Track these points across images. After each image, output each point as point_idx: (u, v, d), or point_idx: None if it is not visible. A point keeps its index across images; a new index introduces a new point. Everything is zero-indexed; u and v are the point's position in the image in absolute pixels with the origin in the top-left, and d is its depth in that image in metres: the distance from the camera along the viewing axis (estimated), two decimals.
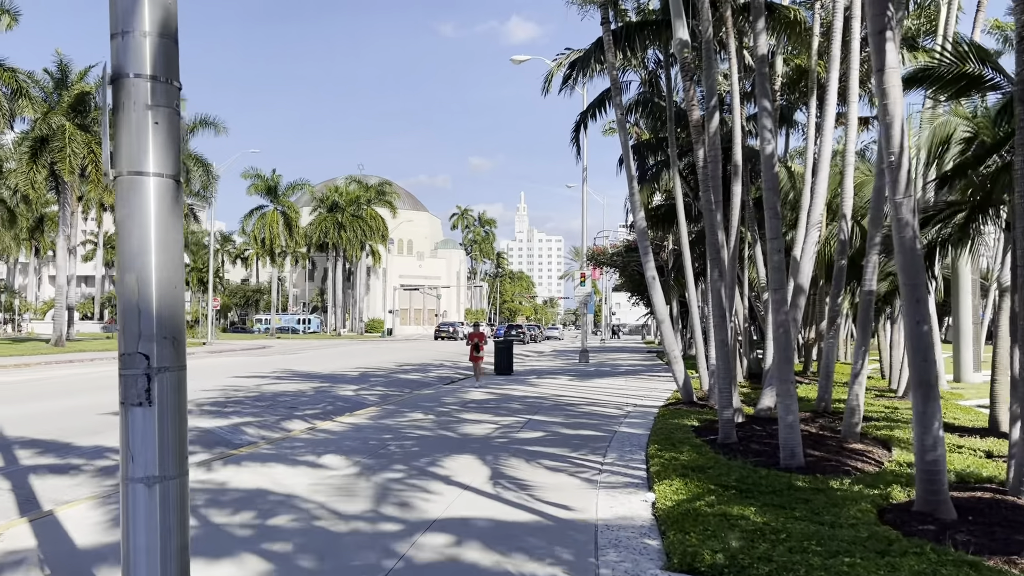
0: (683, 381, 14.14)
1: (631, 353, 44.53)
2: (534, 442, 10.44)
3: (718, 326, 9.67)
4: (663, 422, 11.73)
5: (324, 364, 29.62)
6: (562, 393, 17.62)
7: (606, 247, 43.69)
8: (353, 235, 76.55)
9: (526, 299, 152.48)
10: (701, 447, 9.18)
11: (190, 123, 45.53)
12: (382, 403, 15.78)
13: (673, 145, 16.65)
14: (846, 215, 11.46)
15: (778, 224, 7.99)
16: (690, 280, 16.43)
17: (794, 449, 7.99)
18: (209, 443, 10.93)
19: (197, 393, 17.41)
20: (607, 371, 26.27)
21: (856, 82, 12.15)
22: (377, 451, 9.73)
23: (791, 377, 8.08)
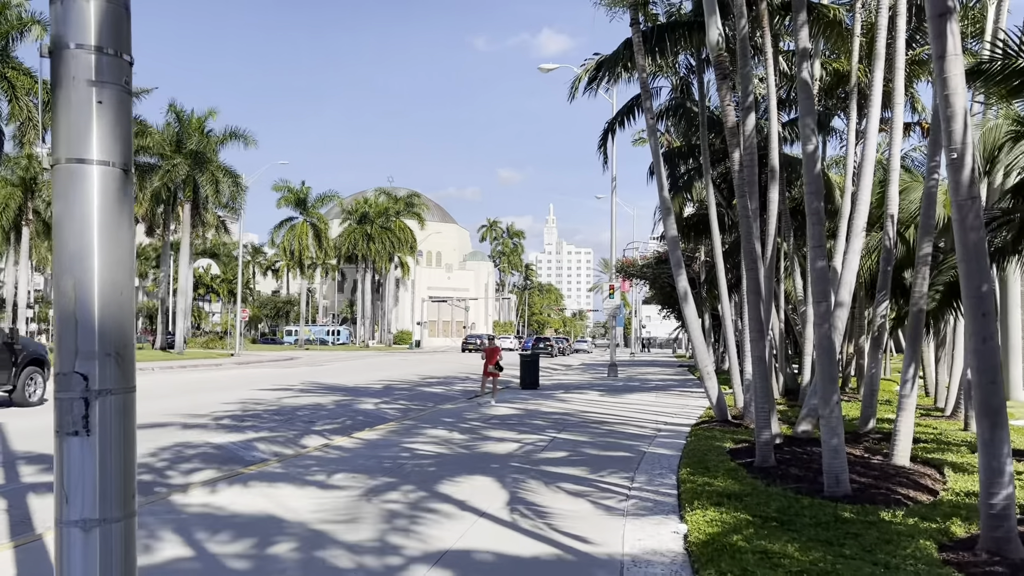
0: (716, 398, 13.48)
1: (661, 367, 43.67)
2: (558, 462, 9.87)
3: (755, 341, 9.05)
4: (695, 442, 11.09)
5: (348, 377, 29.28)
6: (589, 409, 17.01)
7: (636, 259, 43.00)
8: (382, 247, 76.63)
9: (555, 311, 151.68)
10: (736, 471, 8.54)
11: (220, 135, 45.77)
12: (402, 418, 15.31)
13: (706, 152, 16.04)
14: (893, 216, 10.76)
15: (821, 230, 7.38)
16: (724, 292, 15.75)
17: (839, 475, 7.34)
18: (219, 460, 10.51)
19: (216, 406, 17.09)
20: (636, 386, 25.57)
21: (901, 83, 11.48)
22: (391, 471, 9.23)
23: (836, 397, 7.44)
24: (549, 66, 32.20)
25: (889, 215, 11.20)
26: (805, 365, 17.45)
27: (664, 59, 16.51)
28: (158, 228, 50.25)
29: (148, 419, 14.40)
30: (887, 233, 11.29)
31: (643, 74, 13.74)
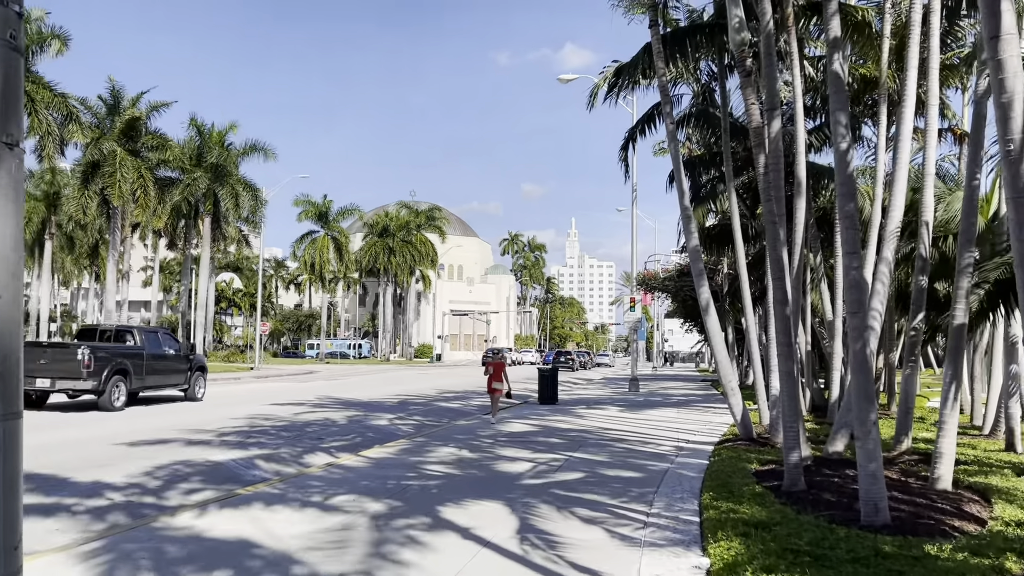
0: (741, 415, 12.82)
1: (684, 382, 42.81)
2: (572, 485, 9.28)
3: (783, 355, 8.42)
4: (719, 462, 10.45)
5: (365, 391, 28.84)
6: (608, 426, 16.38)
7: (657, 271, 42.29)
8: (403, 260, 76.50)
9: (576, 325, 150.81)
10: (763, 496, 7.90)
11: (240, 148, 45.82)
12: (414, 435, 14.78)
13: (728, 160, 15.45)
14: (928, 223, 10.10)
15: (855, 235, 6.78)
16: (748, 304, 15.10)
17: (878, 503, 6.69)
18: (216, 479, 10.04)
19: (225, 422, 16.69)
20: (658, 401, 24.86)
21: (936, 83, 10.84)
22: (395, 493, 8.70)
23: (873, 416, 6.80)
24: (568, 76, 31.77)
25: (924, 222, 10.54)
26: (833, 380, 16.72)
27: (685, 64, 15.96)
28: (179, 242, 50.37)
29: (151, 435, 14.01)
30: (922, 242, 10.62)
31: (663, 78, 13.20)
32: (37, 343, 20.50)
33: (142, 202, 36.38)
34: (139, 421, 16.80)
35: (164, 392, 22.07)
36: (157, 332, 22.68)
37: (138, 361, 20.01)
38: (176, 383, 21.67)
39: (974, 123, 8.49)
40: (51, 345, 20.38)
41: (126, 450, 12.31)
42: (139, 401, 21.08)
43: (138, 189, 36.17)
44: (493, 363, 16.87)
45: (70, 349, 18.73)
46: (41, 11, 29.84)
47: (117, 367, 19.07)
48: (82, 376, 18.19)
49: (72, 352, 18.45)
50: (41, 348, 19.31)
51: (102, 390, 18.52)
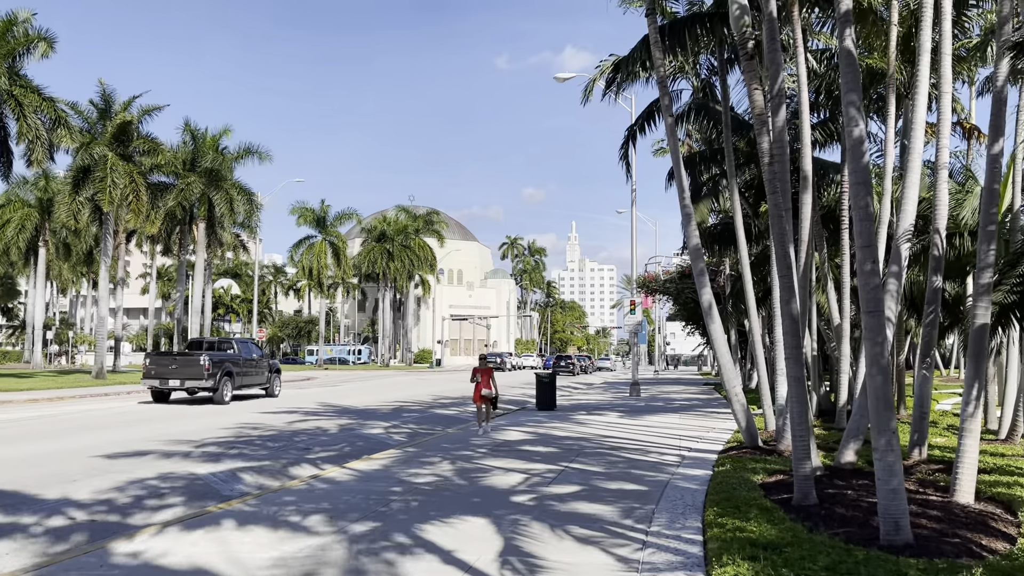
0: (746, 422, 12.23)
1: (686, 386, 42.20)
2: (566, 499, 8.70)
3: (792, 358, 7.84)
4: (723, 473, 9.86)
5: (361, 398, 28.26)
6: (607, 433, 15.79)
7: (658, 274, 41.71)
8: (401, 265, 75.93)
9: (577, 329, 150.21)
10: (772, 511, 7.31)
11: (235, 152, 45.28)
12: (406, 444, 14.20)
13: (730, 156, 14.89)
14: (942, 220, 9.53)
15: (871, 228, 6.20)
16: (752, 305, 14.53)
17: (899, 521, 6.11)
18: (191, 494, 9.47)
19: (212, 431, 16.12)
20: (659, 406, 24.26)
21: (948, 70, 10.26)
22: (376, 509, 8.12)
23: (893, 425, 6.22)
24: (565, 75, 31.26)
25: (937, 219, 9.96)
26: (841, 384, 16.14)
27: (684, 56, 15.42)
28: (174, 248, 49.82)
29: (130, 447, 13.44)
30: (935, 239, 10.04)
31: (661, 71, 12.63)
32: (168, 353, 27.50)
33: (134, 207, 35.80)
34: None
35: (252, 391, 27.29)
36: (247, 342, 28.44)
37: (237, 365, 25.02)
38: (260, 383, 26.90)
39: (994, 108, 7.93)
40: (179, 354, 25.22)
41: (103, 463, 11.74)
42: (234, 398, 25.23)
43: (130, 194, 35.60)
44: (481, 370, 15.54)
45: (193, 357, 23.51)
46: (27, 12, 29.31)
47: (226, 370, 24.06)
48: (203, 377, 23.15)
49: (195, 359, 23.32)
50: (171, 356, 24.56)
51: (216, 388, 23.55)
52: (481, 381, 15.36)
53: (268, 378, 27.38)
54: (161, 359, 24.28)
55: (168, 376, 23.41)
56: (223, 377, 23.79)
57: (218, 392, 23.65)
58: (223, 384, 23.79)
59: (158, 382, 23.57)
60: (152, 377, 23.68)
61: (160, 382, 23.47)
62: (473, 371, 15.66)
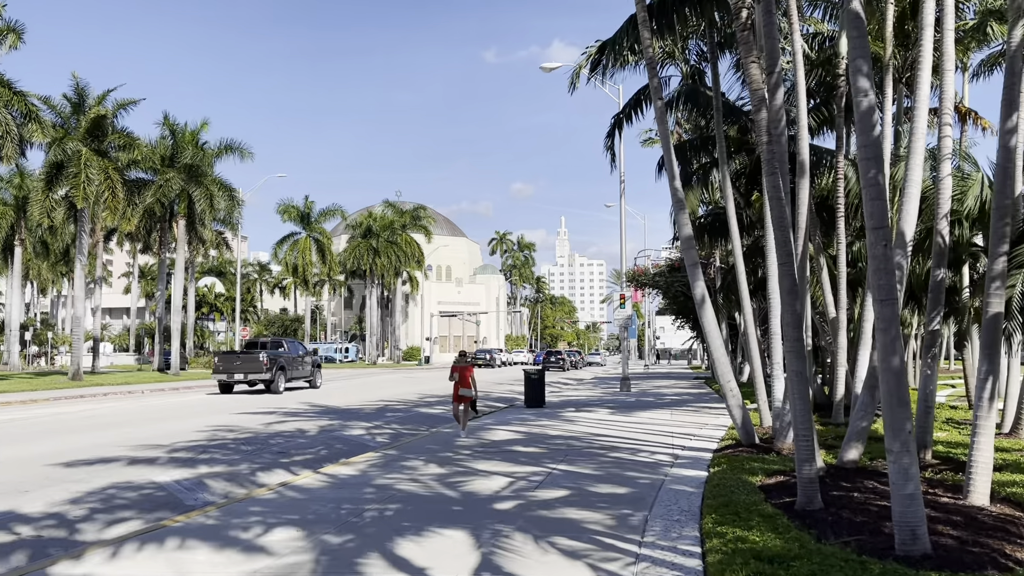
0: (742, 420, 11.67)
1: (676, 380, 41.73)
2: (553, 505, 8.10)
3: (793, 352, 7.27)
4: (720, 474, 9.29)
5: (345, 397, 27.59)
6: (597, 431, 15.21)
7: (648, 267, 41.18)
8: (388, 261, 75.12)
9: (567, 324, 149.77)
10: (775, 518, 6.75)
11: (215, 148, 44.42)
12: (387, 446, 13.59)
13: (722, 142, 14.33)
14: (942, 217, 8.98)
15: (884, 207, 5.63)
16: (745, 296, 14.00)
17: (916, 529, 5.55)
18: (152, 506, 8.83)
19: (185, 434, 15.44)
20: (650, 402, 23.72)
21: (951, 46, 9.71)
22: (346, 521, 7.50)
23: (908, 425, 5.66)
24: (551, 65, 30.63)
25: (939, 203, 9.42)
26: (837, 378, 15.64)
27: (672, 40, 14.84)
28: (154, 246, 48.92)
29: (95, 453, 12.76)
30: (939, 228, 9.48)
31: (649, 51, 12.02)
32: (233, 351, 32.30)
33: (110, 204, 34.89)
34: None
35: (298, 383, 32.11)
36: (294, 341, 33.80)
37: (288, 361, 29.96)
38: (305, 375, 31.79)
39: (1007, 81, 7.37)
40: (242, 352, 29.99)
41: (59, 472, 11.06)
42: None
43: (105, 191, 34.69)
44: (460, 367, 14.35)
45: (254, 354, 28.57)
46: None
47: (280, 364, 28.88)
48: (263, 371, 28.03)
49: (256, 356, 28.39)
50: (236, 354, 29.71)
51: (272, 380, 28.31)
52: (460, 380, 14.31)
53: (311, 372, 32.23)
54: (228, 357, 29.46)
55: (234, 371, 28.33)
56: (277, 371, 28.56)
57: (273, 383, 28.28)
58: (278, 376, 28.52)
59: (225, 376, 28.58)
60: (220, 372, 28.75)
61: (227, 376, 28.48)
62: (452, 368, 14.57)
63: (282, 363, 29.04)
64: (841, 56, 15.13)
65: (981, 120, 20.50)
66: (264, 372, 27.99)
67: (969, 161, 14.71)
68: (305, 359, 32.02)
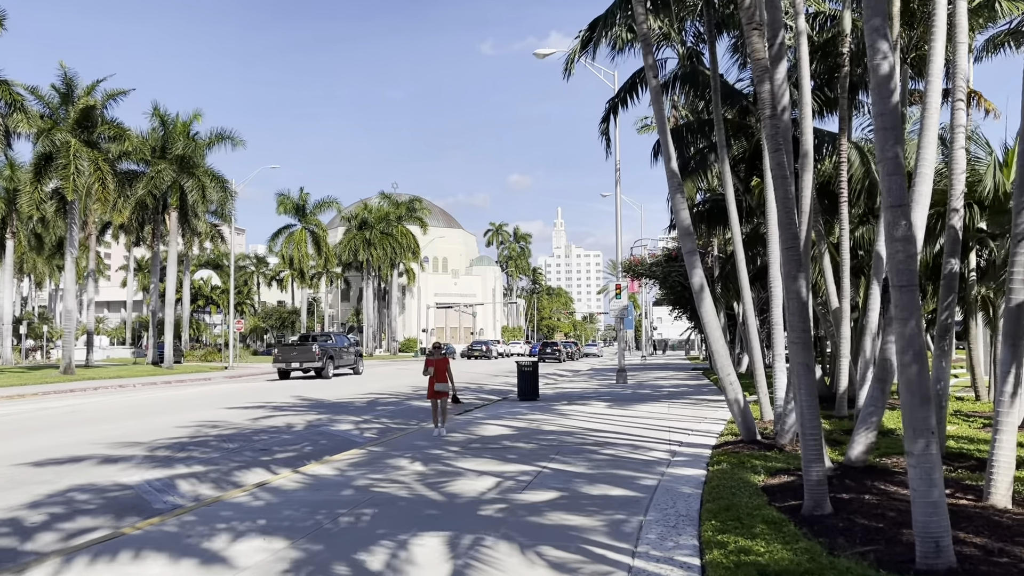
0: (742, 415, 11.14)
1: (674, 371, 41.23)
2: (542, 509, 7.57)
3: (799, 344, 6.72)
4: (719, 474, 8.75)
5: (338, 390, 27.07)
6: (592, 426, 14.69)
7: (644, 257, 40.62)
8: (383, 253, 74.52)
9: (564, 315, 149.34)
10: (781, 524, 6.21)
11: (206, 138, 43.76)
12: (374, 441, 13.05)
13: (720, 124, 13.75)
14: (956, 198, 8.42)
15: (902, 182, 5.07)
16: (745, 285, 13.45)
17: (939, 540, 5.02)
18: (116, 510, 8.29)
19: (167, 431, 14.92)
20: (647, 394, 23.20)
21: (964, 16, 9.14)
22: (318, 528, 6.96)
23: (932, 423, 5.12)
24: (545, 51, 30.00)
25: (952, 186, 8.87)
26: (840, 369, 15.12)
27: (668, 18, 14.23)
28: (147, 238, 48.32)
29: (69, 451, 12.22)
30: (951, 214, 8.93)
31: (644, 27, 11.43)
32: (291, 344, 36.73)
33: (100, 196, 34.26)
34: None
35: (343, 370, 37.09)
36: (340, 334, 39.32)
37: (335, 350, 35.10)
38: (350, 363, 36.77)
39: None
40: (297, 344, 35.28)
41: (25, 472, 10.52)
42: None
43: (95, 182, 34.07)
44: (435, 361, 13.32)
45: (308, 345, 33.86)
46: None
47: (329, 354, 33.88)
48: (315, 360, 33.07)
49: (309, 347, 33.60)
50: (292, 346, 34.98)
51: (323, 367, 33.33)
52: (436, 374, 13.22)
53: (355, 360, 37.48)
54: (285, 348, 34.92)
55: (291, 360, 33.53)
56: (327, 359, 33.46)
57: (324, 370, 33.23)
58: (327, 364, 33.41)
59: (284, 364, 33.80)
60: (280, 361, 34.01)
61: (285, 364, 33.70)
62: (426, 362, 13.39)
63: (331, 353, 34.07)
64: (845, 34, 14.54)
65: (985, 102, 19.88)
66: (316, 361, 32.94)
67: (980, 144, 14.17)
68: (349, 349, 37.04)
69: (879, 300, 12.25)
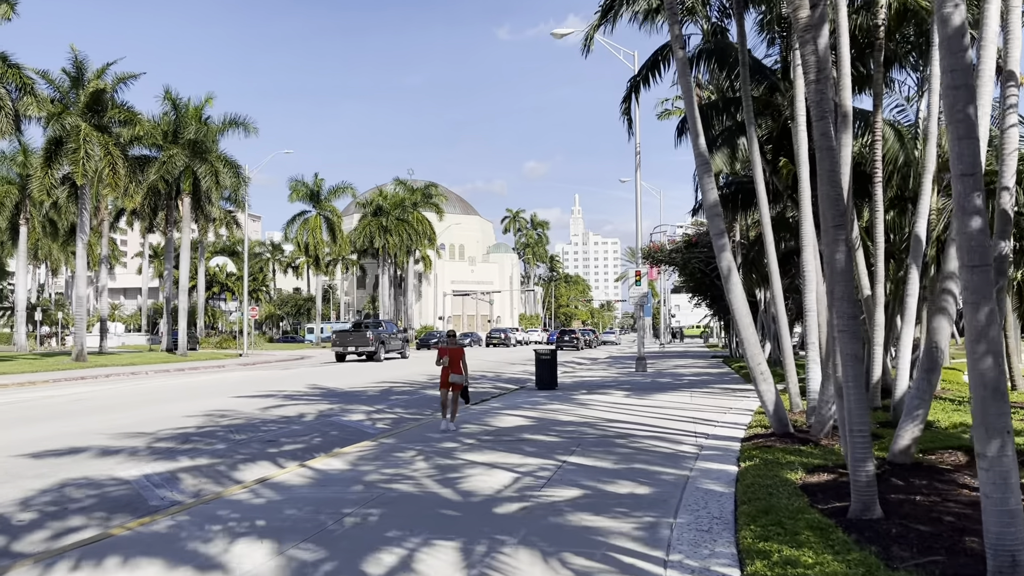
0: (774, 406, 10.52)
1: (694, 359, 40.54)
2: (563, 509, 7.01)
3: (847, 332, 6.09)
4: (753, 470, 8.16)
5: (350, 378, 26.66)
6: (612, 416, 14.11)
7: (664, 243, 39.85)
8: (399, 239, 74.05)
9: (581, 303, 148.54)
10: (828, 531, 5.61)
11: (219, 123, 43.34)
12: (386, 433, 12.55)
13: (748, 100, 13.07)
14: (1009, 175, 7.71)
15: (976, 148, 4.44)
16: (774, 269, 12.79)
17: (1016, 555, 4.41)
18: (109, 507, 7.83)
19: (173, 420, 14.50)
20: (667, 383, 22.59)
21: None
22: (325, 527, 6.45)
23: (1006, 423, 4.50)
24: (563, 30, 29.28)
25: (1003, 159, 8.16)
26: (875, 357, 14.41)
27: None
28: (161, 224, 48.07)
29: (70, 442, 11.80)
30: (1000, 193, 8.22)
31: None
32: (347, 330, 40.36)
33: (111, 181, 33.94)
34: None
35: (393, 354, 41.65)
36: (390, 322, 44.08)
37: (386, 337, 39.61)
38: (397, 348, 41.20)
39: None
40: (352, 331, 39.62)
41: (20, 464, 10.10)
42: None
43: (106, 167, 33.74)
44: (448, 350, 12.32)
45: (363, 332, 38.39)
46: None
47: (380, 339, 38.45)
48: (369, 344, 37.69)
49: (364, 333, 38.22)
50: (349, 332, 39.25)
51: (375, 351, 37.90)
52: (450, 364, 12.18)
53: (402, 346, 42.30)
54: (343, 334, 39.17)
55: (347, 344, 38.17)
56: (379, 344, 38.12)
57: (376, 354, 37.87)
58: (379, 348, 38.06)
59: (341, 348, 38.33)
60: (337, 345, 38.62)
61: (343, 348, 38.28)
62: (439, 351, 12.37)
63: (383, 338, 38.65)
64: (880, 4, 13.76)
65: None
66: (370, 345, 37.50)
67: None
68: (398, 336, 41.39)
69: (917, 285, 11.58)
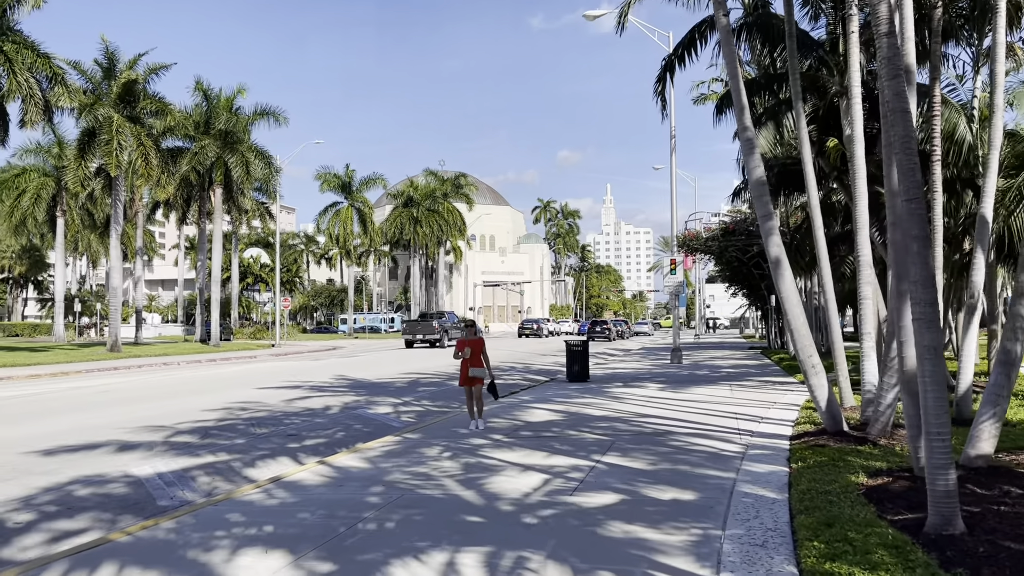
0: (827, 402, 9.73)
1: (730, 350, 39.53)
2: (597, 517, 6.36)
3: (924, 320, 5.35)
4: (807, 473, 7.42)
5: (380, 369, 26.26)
6: (648, 411, 13.39)
7: (699, 231, 38.80)
8: (429, 230, 73.73)
9: (613, 293, 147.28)
10: (904, 548, 4.89)
11: (250, 113, 43.17)
12: (411, 427, 11.99)
13: (796, 75, 12.22)
14: None
15: None
16: (823, 255, 11.98)
17: None
18: (114, 507, 7.37)
19: (196, 413, 14.12)
20: (704, 375, 21.77)
21: None
22: (335, 535, 5.89)
23: None
24: (595, 12, 28.46)
25: None
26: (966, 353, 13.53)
27: None
28: (193, 215, 48.17)
29: (86, 436, 11.42)
30: None
31: None
32: (416, 320, 46.19)
33: (143, 172, 33.89)
34: None
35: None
36: (451, 313, 48.84)
37: (448, 326, 44.05)
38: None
39: None
40: (420, 320, 45.33)
41: (32, 461, 9.71)
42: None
43: (138, 158, 33.69)
44: (468, 341, 11.32)
45: (429, 322, 43.52)
46: None
47: (444, 328, 43.11)
48: (435, 333, 42.47)
49: (431, 322, 43.36)
50: (418, 322, 44.63)
51: (439, 339, 42.49)
52: (471, 357, 11.22)
53: (443, 336, 44.02)
54: (412, 324, 44.21)
55: (416, 332, 43.09)
56: (443, 333, 42.64)
57: (440, 341, 42.22)
58: (443, 336, 42.44)
59: (411, 336, 43.17)
60: (407, 333, 43.40)
61: (412, 336, 43.16)
62: (458, 344, 11.40)
63: (446, 327, 43.47)
64: None
65: None
66: (435, 334, 42.13)
67: None
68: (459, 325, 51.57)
69: (983, 271, 10.70)
